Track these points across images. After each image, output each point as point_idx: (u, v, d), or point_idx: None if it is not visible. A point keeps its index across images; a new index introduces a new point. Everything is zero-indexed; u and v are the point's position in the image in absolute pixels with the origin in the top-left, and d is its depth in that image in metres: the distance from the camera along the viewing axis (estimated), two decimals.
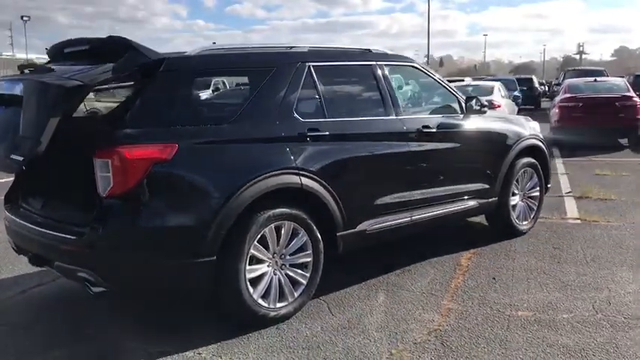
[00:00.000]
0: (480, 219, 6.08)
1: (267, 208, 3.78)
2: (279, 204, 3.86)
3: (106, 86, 3.82)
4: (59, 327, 3.94)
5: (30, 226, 3.82)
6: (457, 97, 5.28)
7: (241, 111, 3.86)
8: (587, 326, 3.76)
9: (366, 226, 4.39)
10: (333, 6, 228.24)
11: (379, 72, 4.67)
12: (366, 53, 4.79)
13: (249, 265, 3.74)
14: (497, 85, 15.29)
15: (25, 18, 42.29)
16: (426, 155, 4.85)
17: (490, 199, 5.46)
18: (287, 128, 3.96)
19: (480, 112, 5.27)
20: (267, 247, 3.84)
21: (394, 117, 4.65)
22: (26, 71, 3.98)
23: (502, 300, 4.25)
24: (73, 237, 3.46)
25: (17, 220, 3.97)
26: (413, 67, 5.22)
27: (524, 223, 5.94)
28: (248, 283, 3.72)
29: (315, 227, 4.04)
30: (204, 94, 4.10)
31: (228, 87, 12.43)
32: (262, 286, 3.82)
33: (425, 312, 4.06)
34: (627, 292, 4.32)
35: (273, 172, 3.79)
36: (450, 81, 6.90)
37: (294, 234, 3.97)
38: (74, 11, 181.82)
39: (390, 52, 5.06)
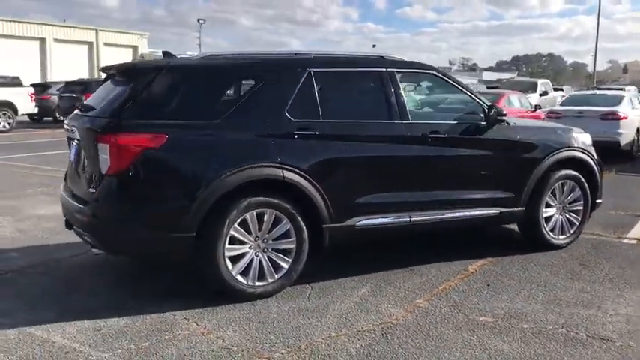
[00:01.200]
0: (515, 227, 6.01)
1: (248, 196, 4.25)
2: (261, 193, 4.31)
3: None
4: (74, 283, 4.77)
5: (65, 198, 4.68)
6: (479, 105, 5.33)
7: (233, 109, 4.37)
8: (539, 337, 3.76)
9: (355, 221, 4.68)
10: (508, 8, 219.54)
11: (388, 78, 4.92)
12: (377, 60, 5.06)
13: (230, 244, 4.24)
14: (629, 94, 14.23)
15: (200, 20, 46.43)
16: (433, 160, 5.01)
17: (515, 209, 5.42)
18: (275, 126, 4.40)
19: (498, 120, 5.26)
20: (248, 231, 4.31)
21: (398, 121, 4.87)
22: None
23: (477, 305, 4.32)
24: (82, 206, 4.22)
25: (62, 193, 4.85)
26: (432, 74, 5.37)
27: (562, 237, 5.78)
28: (227, 260, 4.22)
29: (298, 217, 4.43)
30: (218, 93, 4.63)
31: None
32: (241, 264, 4.30)
33: (393, 307, 4.28)
34: (615, 314, 4.17)
35: (255, 165, 4.27)
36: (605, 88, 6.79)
37: (276, 221, 4.40)
38: (256, 14, 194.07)
39: (405, 60, 5.26)
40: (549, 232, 5.70)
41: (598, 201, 6.03)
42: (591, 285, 4.77)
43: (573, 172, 5.76)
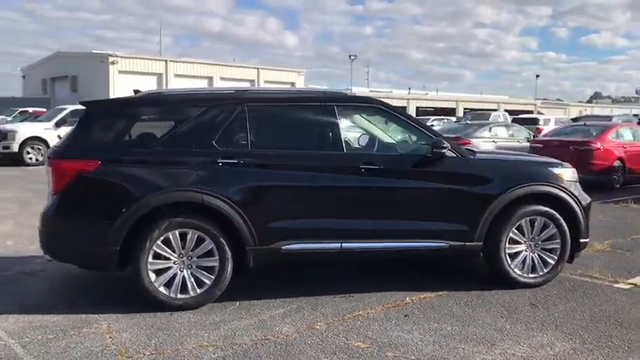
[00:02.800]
0: None
1: (170, 217, 4.80)
2: (184, 215, 4.83)
3: None
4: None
5: None
6: (423, 138, 5.38)
7: (164, 139, 4.97)
8: None
9: (280, 245, 5.00)
10: None
11: (324, 112, 5.21)
12: (317, 95, 5.40)
13: (155, 259, 4.80)
14: None
15: (352, 57, 48.23)
16: (366, 190, 5.17)
17: (468, 243, 5.35)
18: (201, 155, 4.92)
19: (439, 153, 5.26)
20: (172, 248, 4.84)
21: (330, 152, 5.14)
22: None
23: (367, 332, 4.40)
24: (40, 220, 5.05)
25: None
26: (378, 108, 5.54)
27: (532, 275, 5.54)
28: (150, 272, 4.79)
29: (221, 238, 4.88)
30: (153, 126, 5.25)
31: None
32: (164, 277, 4.83)
33: (288, 326, 4.53)
34: (502, 353, 4.05)
35: (176, 189, 4.81)
36: None
37: (200, 241, 4.88)
38: (427, 47, 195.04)
39: (347, 95, 5.51)
40: (515, 270, 5.49)
41: (583, 240, 5.67)
42: (513, 324, 4.60)
43: (544, 208, 5.52)
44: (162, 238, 4.80)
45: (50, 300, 5.15)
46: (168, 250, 4.84)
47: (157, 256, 4.81)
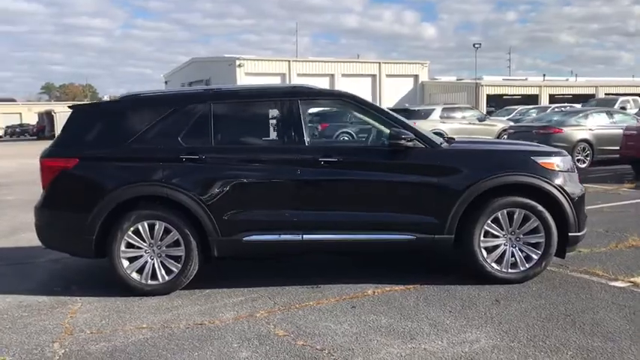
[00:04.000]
0: None
1: (138, 209, 5.22)
2: (152, 207, 5.23)
3: None
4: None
5: None
6: (388, 129, 5.31)
7: (135, 137, 5.38)
8: (292, 352, 3.92)
9: (242, 236, 5.23)
10: None
11: (289, 106, 5.33)
12: (283, 91, 5.51)
13: (127, 247, 5.25)
14: None
15: (476, 45, 46.52)
16: (326, 182, 5.23)
17: (438, 236, 5.22)
18: (167, 151, 5.27)
19: (401, 145, 5.16)
20: (142, 238, 5.26)
21: (291, 145, 5.26)
22: None
23: (298, 322, 4.50)
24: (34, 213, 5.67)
25: None
26: (343, 101, 5.55)
27: (512, 271, 5.28)
28: (123, 260, 5.24)
29: (186, 229, 5.21)
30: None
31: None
32: (136, 265, 5.26)
33: (228, 313, 4.75)
34: (421, 348, 3.98)
35: (142, 184, 5.21)
36: None
37: (167, 231, 5.25)
38: (579, 29, 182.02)
39: (316, 89, 5.57)
40: (492, 265, 5.26)
41: (573, 234, 5.28)
42: (455, 320, 4.46)
43: (523, 200, 5.22)
44: (132, 228, 5.21)
45: (54, 283, 5.76)
46: (139, 240, 5.24)
47: (129, 245, 5.24)
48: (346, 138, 23.50)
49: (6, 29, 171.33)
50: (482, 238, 5.24)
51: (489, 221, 5.23)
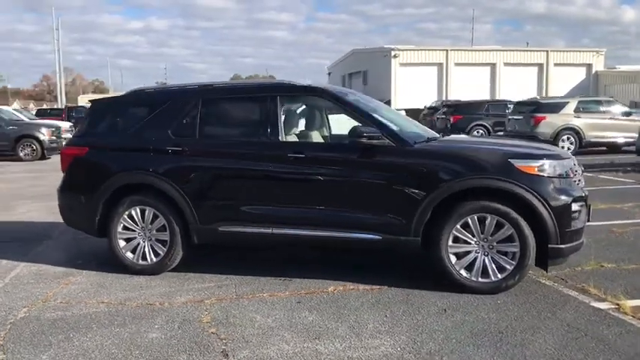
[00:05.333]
0: None
1: (131, 195, 5.74)
2: (142, 194, 5.72)
3: None
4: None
5: None
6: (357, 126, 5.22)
7: (135, 129, 5.88)
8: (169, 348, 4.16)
9: (218, 226, 5.52)
10: None
11: (268, 102, 5.47)
12: (264, 86, 5.65)
13: (124, 230, 5.81)
14: None
15: None
16: (292, 178, 5.31)
17: (404, 237, 5.07)
18: (158, 143, 5.70)
19: (359, 143, 5.05)
20: (135, 222, 5.78)
21: (266, 141, 5.41)
22: None
23: (231, 311, 4.68)
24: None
25: None
26: (318, 96, 5.53)
27: (483, 280, 4.95)
28: (120, 241, 5.81)
29: (170, 216, 5.63)
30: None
31: None
32: (130, 246, 5.79)
33: (183, 298, 5.07)
34: (312, 348, 4.00)
35: (134, 172, 5.72)
36: None
37: (155, 217, 5.72)
38: None
39: (293, 85, 5.61)
40: (462, 272, 4.99)
41: (555, 246, 4.81)
42: (380, 325, 4.34)
43: (495, 205, 4.86)
44: (126, 212, 5.74)
45: (78, 257, 6.50)
46: (132, 224, 5.76)
47: (125, 227, 5.77)
48: (481, 132, 22.68)
49: (204, 25, 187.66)
50: (450, 243, 4.97)
51: (458, 226, 4.94)
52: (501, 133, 20.13)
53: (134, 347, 4.01)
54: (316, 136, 5.87)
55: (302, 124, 5.96)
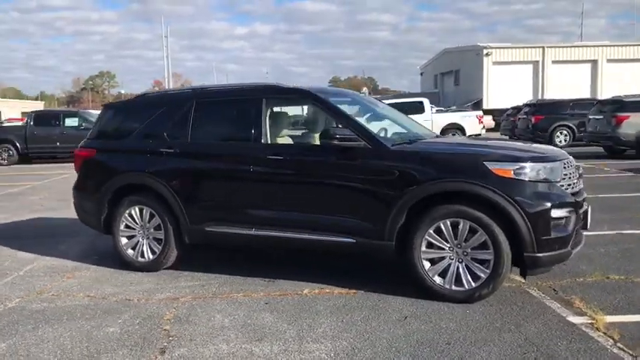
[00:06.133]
0: None
1: (129, 196, 6.01)
2: (139, 194, 5.97)
3: None
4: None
5: None
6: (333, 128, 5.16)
7: (135, 132, 6.14)
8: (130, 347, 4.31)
9: (205, 226, 5.66)
10: None
11: (255, 104, 5.54)
12: (252, 89, 5.71)
13: (124, 228, 6.09)
14: None
15: None
16: (271, 179, 5.34)
17: (377, 241, 4.96)
18: (154, 145, 5.93)
19: (328, 145, 4.99)
20: (135, 221, 6.05)
21: (250, 143, 5.48)
22: None
23: (197, 310, 4.78)
24: None
25: None
26: (302, 98, 5.49)
27: (455, 288, 4.74)
28: (122, 238, 6.09)
29: (165, 216, 5.84)
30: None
31: None
32: (131, 243, 6.06)
33: (161, 295, 5.24)
34: (246, 348, 4.04)
35: (128, 172, 5.99)
36: None
37: (151, 216, 5.95)
38: None
39: (282, 86, 5.62)
40: (435, 279, 4.81)
41: (531, 254, 4.52)
42: (329, 329, 4.28)
43: (467, 210, 4.65)
44: (127, 212, 6.01)
45: (95, 253, 6.87)
46: (132, 222, 6.02)
47: (126, 226, 6.05)
48: (565, 132, 21.51)
49: (306, 29, 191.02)
50: (424, 248, 4.80)
51: (432, 231, 4.76)
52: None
53: (86, 340, 4.20)
54: (303, 139, 5.85)
55: (290, 126, 5.94)
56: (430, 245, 4.79)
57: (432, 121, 21.71)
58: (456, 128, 22.02)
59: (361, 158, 4.99)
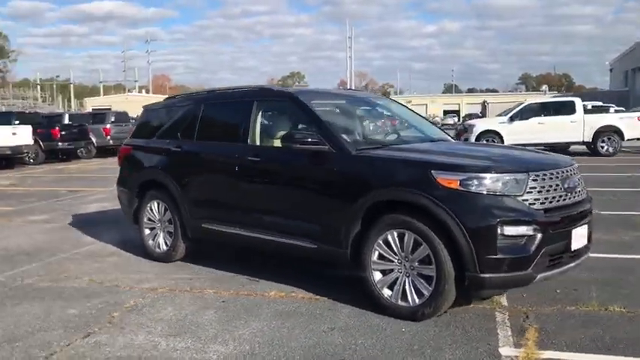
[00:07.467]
0: None
1: (150, 190, 6.51)
2: (157, 190, 6.44)
3: None
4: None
5: None
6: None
7: (159, 132, 6.60)
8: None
9: (202, 222, 5.94)
10: None
11: (245, 106, 5.68)
12: (246, 92, 5.84)
13: (147, 221, 6.59)
14: None
15: None
16: (250, 181, 5.45)
17: (335, 248, 4.85)
18: (168, 144, 6.34)
19: (288, 148, 4.95)
20: (153, 214, 6.53)
21: (237, 143, 5.62)
22: None
23: (144, 301, 5.09)
24: None
25: None
26: (285, 101, 5.45)
27: (402, 303, 4.47)
28: (145, 229, 6.60)
29: (174, 210, 6.21)
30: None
31: None
32: (151, 234, 6.52)
33: (155, 284, 5.61)
34: (77, 344, 4.24)
35: (149, 169, 6.47)
36: None
37: (165, 210, 6.38)
38: None
39: (269, 90, 5.67)
40: (382, 291, 4.58)
41: (473, 274, 4.13)
42: (218, 331, 4.33)
43: (410, 220, 4.37)
44: (148, 205, 6.51)
45: (120, 240, 7.43)
46: (153, 215, 6.50)
47: (148, 218, 6.56)
48: None
49: (497, 24, 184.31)
50: (374, 259, 4.59)
51: (380, 241, 4.54)
52: None
53: (42, 319, 4.66)
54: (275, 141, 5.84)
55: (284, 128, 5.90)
56: (381, 256, 4.56)
57: (583, 122, 19.88)
58: (613, 131, 19.83)
59: (326, 162, 4.89)
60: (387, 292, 4.53)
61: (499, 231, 4.06)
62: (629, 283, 5.26)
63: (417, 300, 4.37)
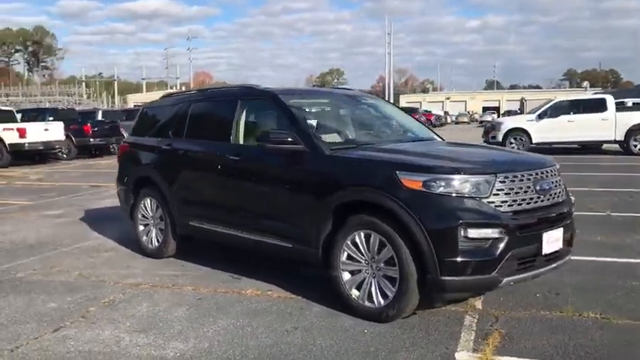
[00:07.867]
0: None
1: (144, 187, 6.63)
2: (149, 186, 6.55)
3: None
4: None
5: None
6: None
7: (153, 130, 6.71)
8: None
9: (189, 220, 6.02)
10: None
11: (230, 105, 5.73)
12: (227, 92, 5.93)
13: (142, 217, 6.72)
14: None
15: None
16: (231, 180, 5.49)
17: (307, 248, 4.85)
18: (160, 142, 6.44)
19: (262, 147, 4.99)
20: (147, 211, 6.64)
21: (220, 142, 5.69)
22: None
23: (121, 297, 5.18)
24: None
25: None
26: (270, 101, 5.44)
27: (368, 304, 4.44)
28: (140, 226, 6.71)
29: (164, 207, 6.31)
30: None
31: None
32: (145, 231, 6.63)
33: (141, 279, 5.72)
34: (62, 336, 4.33)
35: (143, 166, 6.59)
36: None
37: (157, 207, 6.49)
38: None
39: (252, 89, 5.68)
40: (351, 292, 4.56)
41: (434, 277, 4.07)
42: (161, 330, 4.37)
43: (377, 222, 4.33)
44: (142, 202, 6.63)
45: (122, 236, 7.52)
46: (146, 212, 6.62)
47: (142, 215, 6.68)
48: None
49: (542, 19, 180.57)
50: (343, 259, 4.57)
51: (348, 242, 4.52)
52: None
53: (21, 311, 4.81)
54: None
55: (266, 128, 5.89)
56: (350, 257, 4.54)
57: (615, 120, 19.28)
58: None
59: (300, 162, 4.90)
60: (355, 293, 4.51)
61: (462, 233, 3.99)
62: (617, 288, 5.09)
63: (382, 301, 4.34)
